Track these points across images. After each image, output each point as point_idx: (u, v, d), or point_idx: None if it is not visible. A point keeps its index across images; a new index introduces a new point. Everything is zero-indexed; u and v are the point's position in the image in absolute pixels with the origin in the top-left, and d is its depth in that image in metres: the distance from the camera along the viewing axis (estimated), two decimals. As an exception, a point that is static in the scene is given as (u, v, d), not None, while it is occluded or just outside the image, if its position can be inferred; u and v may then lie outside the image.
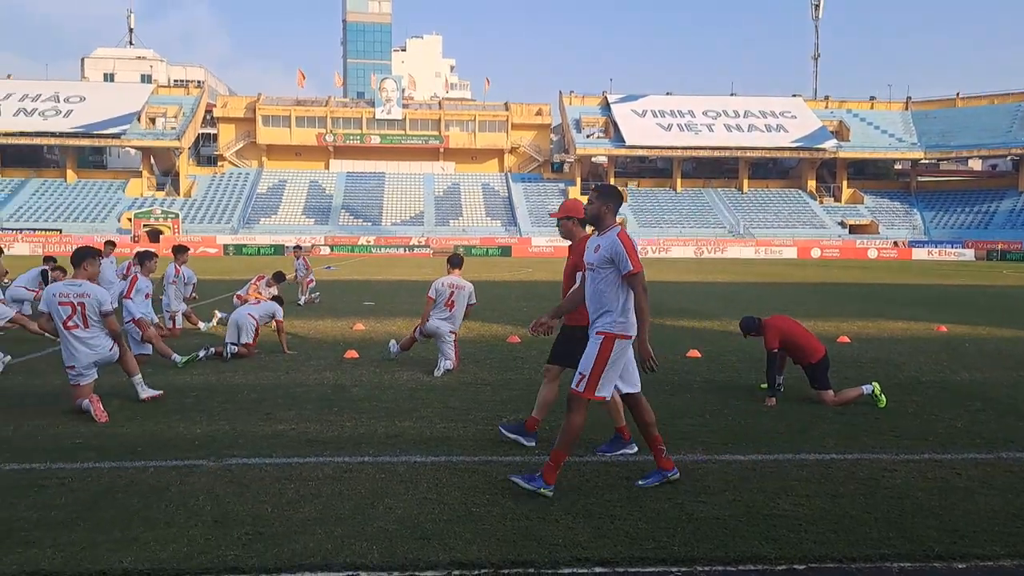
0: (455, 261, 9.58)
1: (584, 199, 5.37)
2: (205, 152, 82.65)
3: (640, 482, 5.03)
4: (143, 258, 11.03)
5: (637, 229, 65.92)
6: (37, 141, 69.38)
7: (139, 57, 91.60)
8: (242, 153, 77.57)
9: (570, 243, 5.99)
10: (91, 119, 68.97)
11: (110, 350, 7.08)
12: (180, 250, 13.20)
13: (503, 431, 6.07)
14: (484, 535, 4.18)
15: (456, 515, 4.46)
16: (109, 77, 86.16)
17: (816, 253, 62.34)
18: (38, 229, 61.72)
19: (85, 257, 7.26)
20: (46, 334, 11.18)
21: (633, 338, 4.91)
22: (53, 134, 68.37)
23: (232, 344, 9.94)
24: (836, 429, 6.57)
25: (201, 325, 12.71)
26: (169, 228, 62.62)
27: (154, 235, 61.17)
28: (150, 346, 9.55)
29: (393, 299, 19.27)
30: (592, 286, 4.98)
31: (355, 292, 21.74)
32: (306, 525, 4.27)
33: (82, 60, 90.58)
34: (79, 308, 6.96)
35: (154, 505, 4.56)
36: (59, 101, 71.24)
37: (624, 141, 71.41)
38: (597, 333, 4.90)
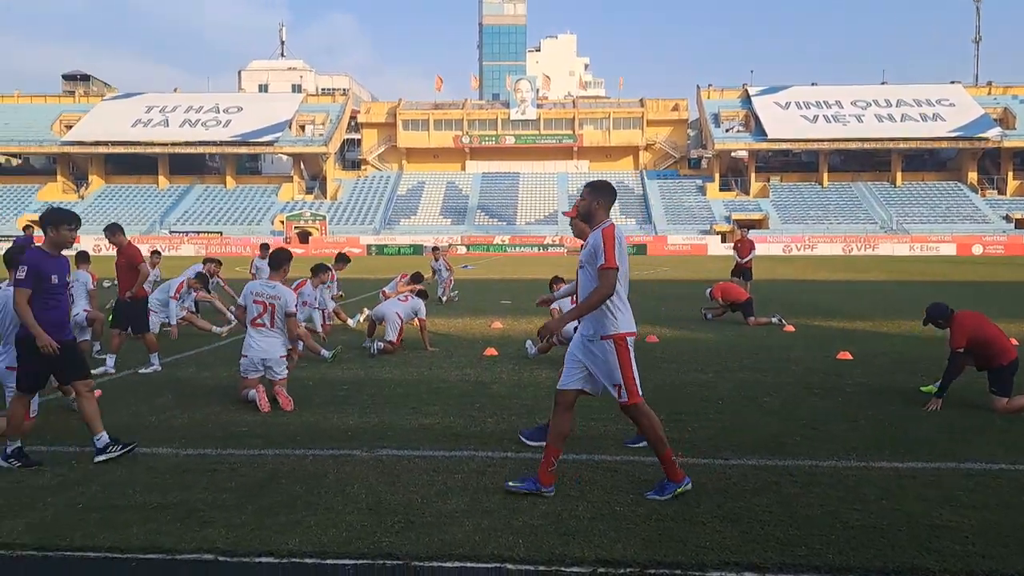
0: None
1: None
2: (350, 156, 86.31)
3: (510, 483, 4.83)
4: (318, 271, 11.58)
5: (780, 225, 63.63)
6: (200, 150, 74.73)
7: (290, 68, 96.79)
8: (384, 157, 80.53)
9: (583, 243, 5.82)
10: (247, 128, 73.60)
11: (280, 357, 7.50)
12: (342, 258, 14.06)
13: (524, 439, 5.98)
14: (628, 534, 4.18)
15: (599, 513, 4.48)
16: (263, 88, 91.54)
17: (978, 250, 58.05)
18: (201, 232, 66.36)
19: (285, 261, 7.80)
20: (215, 329, 12.03)
21: (635, 333, 4.80)
22: (214, 143, 73.42)
23: (378, 341, 10.38)
24: (1006, 438, 6.13)
25: (350, 322, 13.30)
26: (317, 230, 65.83)
27: (303, 236, 64.49)
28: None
29: (529, 298, 19.48)
30: (583, 283, 4.86)
31: (492, 291, 22.13)
32: (454, 516, 4.41)
33: (239, 73, 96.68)
34: (270, 308, 7.49)
35: (314, 491, 4.83)
36: (219, 112, 76.40)
37: (766, 134, 69.07)
38: (602, 338, 4.72)
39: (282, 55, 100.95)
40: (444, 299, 17.89)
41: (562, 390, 4.87)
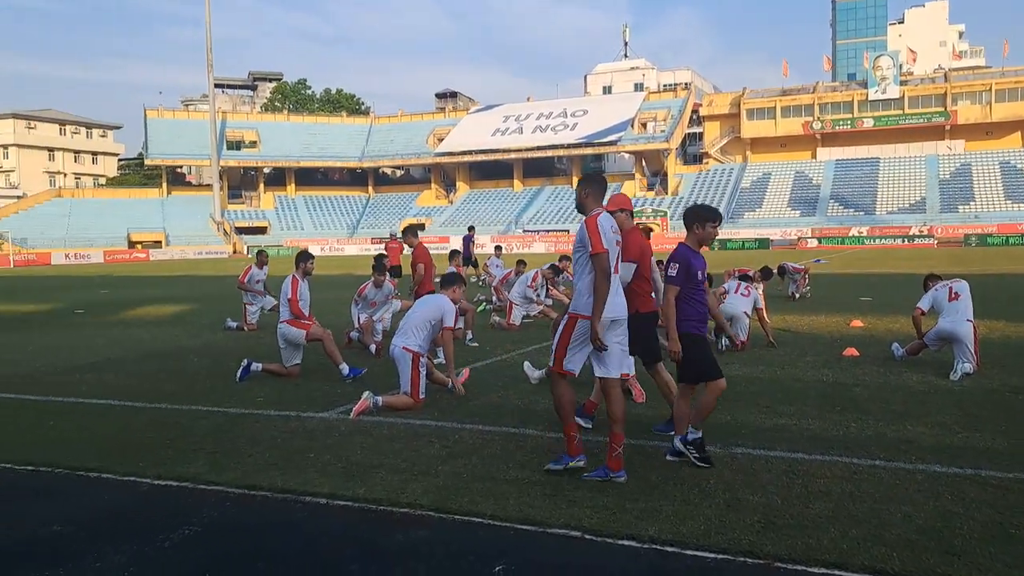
0: None
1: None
2: (691, 151, 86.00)
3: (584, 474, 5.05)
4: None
5: None
6: (550, 154, 79.62)
7: (632, 68, 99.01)
8: (726, 149, 78.97)
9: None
10: (592, 130, 76.82)
11: None
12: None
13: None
14: (1028, 563, 3.68)
15: (989, 534, 4.00)
16: (607, 90, 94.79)
17: None
18: (551, 230, 70.64)
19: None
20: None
21: (609, 317, 5.00)
22: (562, 146, 77.76)
23: (726, 338, 10.24)
24: None
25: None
26: (658, 226, 66.57)
27: (645, 232, 65.38)
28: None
29: (893, 294, 17.84)
30: (576, 270, 5.20)
31: (849, 286, 20.64)
32: (818, 522, 4.22)
33: (585, 77, 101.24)
34: None
35: (670, 481, 4.94)
36: (567, 116, 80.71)
37: None
38: (567, 314, 5.21)
39: (625, 56, 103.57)
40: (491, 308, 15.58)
41: (599, 377, 5.26)
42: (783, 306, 15.23)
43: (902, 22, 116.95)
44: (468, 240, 26.05)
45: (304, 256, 9.20)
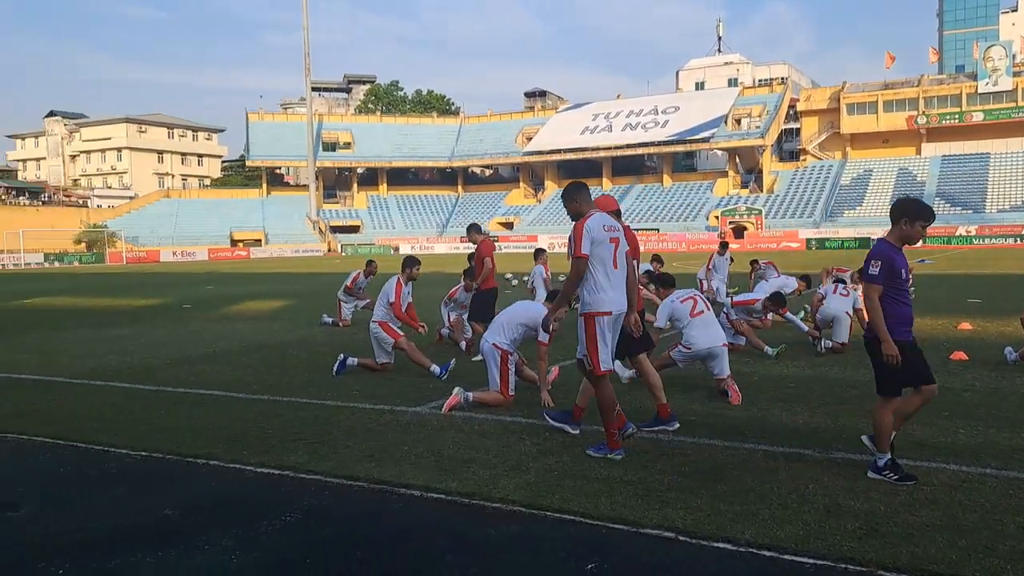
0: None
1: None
2: (787, 147, 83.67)
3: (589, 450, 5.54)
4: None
5: None
6: (640, 151, 78.80)
7: (726, 63, 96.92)
8: (824, 145, 76.50)
9: None
10: (684, 127, 75.61)
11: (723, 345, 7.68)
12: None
13: (548, 419, 6.28)
14: None
15: (1117, 553, 3.75)
16: (700, 85, 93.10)
17: None
18: (640, 229, 69.90)
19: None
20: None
21: (612, 312, 5.44)
22: (653, 143, 76.85)
23: (826, 340, 9.94)
24: None
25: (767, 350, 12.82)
26: (752, 224, 65.06)
27: (738, 231, 64.20)
28: (743, 338, 10.08)
29: (1004, 296, 16.93)
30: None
31: (957, 288, 19.69)
32: (924, 530, 4.05)
33: (677, 73, 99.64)
34: (700, 300, 7.88)
35: (766, 485, 4.82)
36: (657, 113, 79.69)
37: None
38: (580, 315, 5.53)
39: (718, 51, 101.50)
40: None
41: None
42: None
43: (1015, 10, 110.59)
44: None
45: (411, 261, 9.34)
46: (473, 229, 11.15)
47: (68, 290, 27.45)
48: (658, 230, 68.53)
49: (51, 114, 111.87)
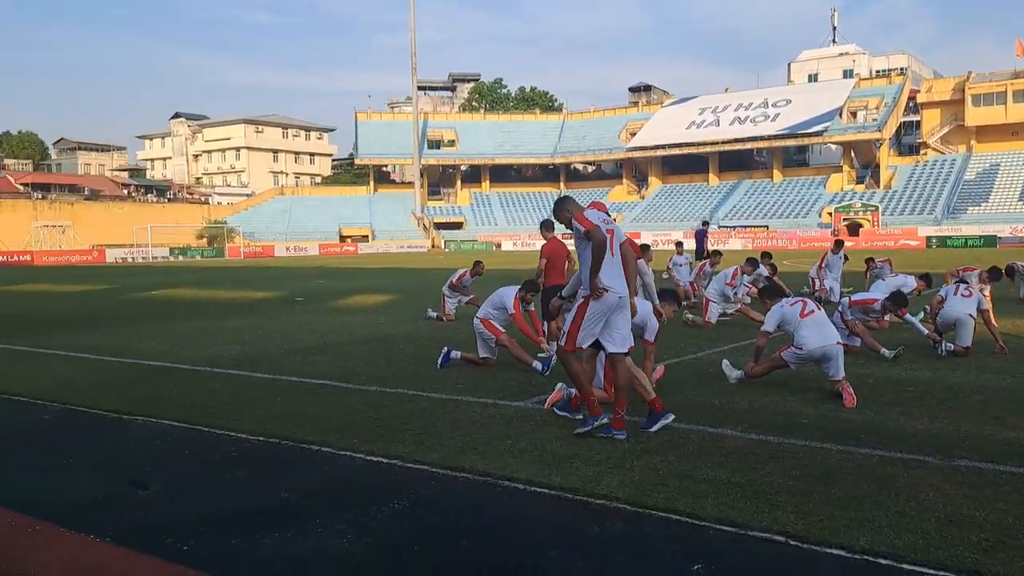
0: None
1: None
2: (906, 141, 79.81)
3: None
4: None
5: None
6: (748, 146, 76.80)
7: (841, 54, 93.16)
8: (947, 138, 72.59)
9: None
10: (795, 120, 73.15)
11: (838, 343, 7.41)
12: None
13: (556, 411, 6.67)
14: None
15: None
16: (812, 78, 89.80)
17: None
18: (747, 226, 68.15)
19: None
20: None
21: (611, 292, 5.84)
22: (762, 138, 74.71)
23: (948, 344, 9.44)
24: None
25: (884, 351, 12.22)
26: (868, 221, 62.40)
27: (853, 229, 61.67)
28: (859, 339, 9.69)
29: None
30: (582, 259, 5.97)
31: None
32: (1059, 546, 3.80)
33: (788, 65, 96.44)
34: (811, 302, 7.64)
35: (883, 491, 4.63)
36: (767, 107, 77.38)
37: None
38: (580, 297, 5.96)
39: (833, 41, 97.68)
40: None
41: (610, 353, 6.12)
42: (1014, 309, 13.80)
43: None
44: (702, 234, 25.00)
45: (530, 286, 9.43)
46: (543, 226, 11.03)
47: (191, 282, 28.98)
48: (767, 227, 66.61)
49: (176, 116, 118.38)
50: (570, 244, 7.59)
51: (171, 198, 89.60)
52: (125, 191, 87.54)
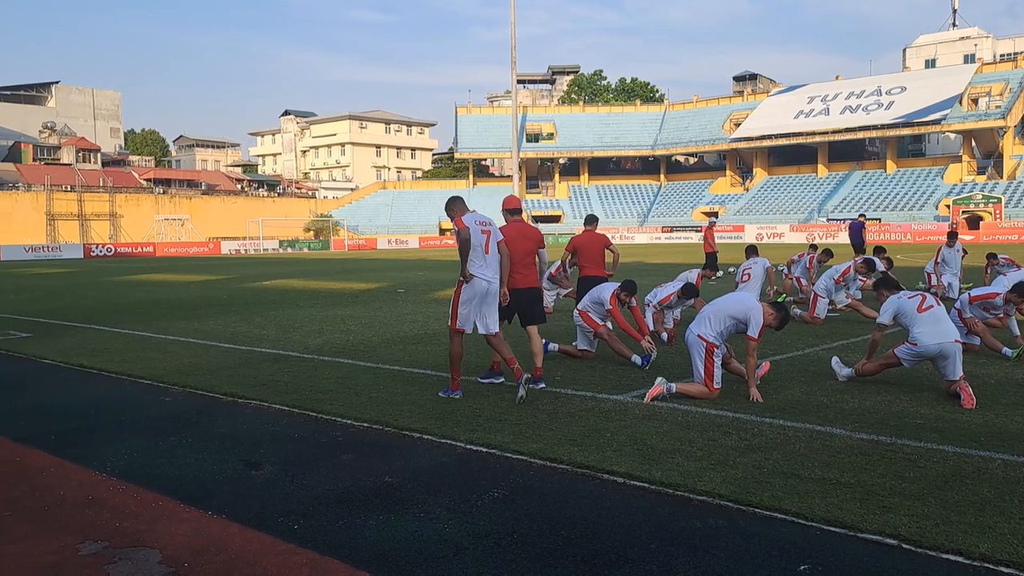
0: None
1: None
2: (1034, 128, 74.79)
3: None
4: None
5: None
6: (860, 135, 73.59)
7: (962, 38, 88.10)
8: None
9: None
10: (910, 108, 69.70)
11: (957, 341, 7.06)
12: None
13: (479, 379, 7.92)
14: None
15: None
16: (930, 63, 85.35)
17: None
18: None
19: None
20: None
21: (483, 281, 7.16)
22: (875, 127, 71.49)
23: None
24: None
25: None
26: (990, 214, 58.91)
27: (973, 222, 58.36)
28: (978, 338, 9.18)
29: None
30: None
31: None
32: None
33: (903, 50, 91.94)
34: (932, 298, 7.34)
35: (1006, 497, 4.38)
36: (880, 94, 73.99)
37: None
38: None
39: (953, 25, 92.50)
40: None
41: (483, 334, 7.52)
42: None
43: None
44: (859, 227, 23.92)
45: (629, 286, 9.24)
46: (586, 221, 11.32)
47: (299, 273, 30.04)
48: (879, 220, 63.72)
49: (286, 113, 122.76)
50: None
51: (281, 193, 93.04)
52: (238, 186, 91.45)
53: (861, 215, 26.59)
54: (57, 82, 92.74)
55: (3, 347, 11.07)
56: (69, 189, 71.01)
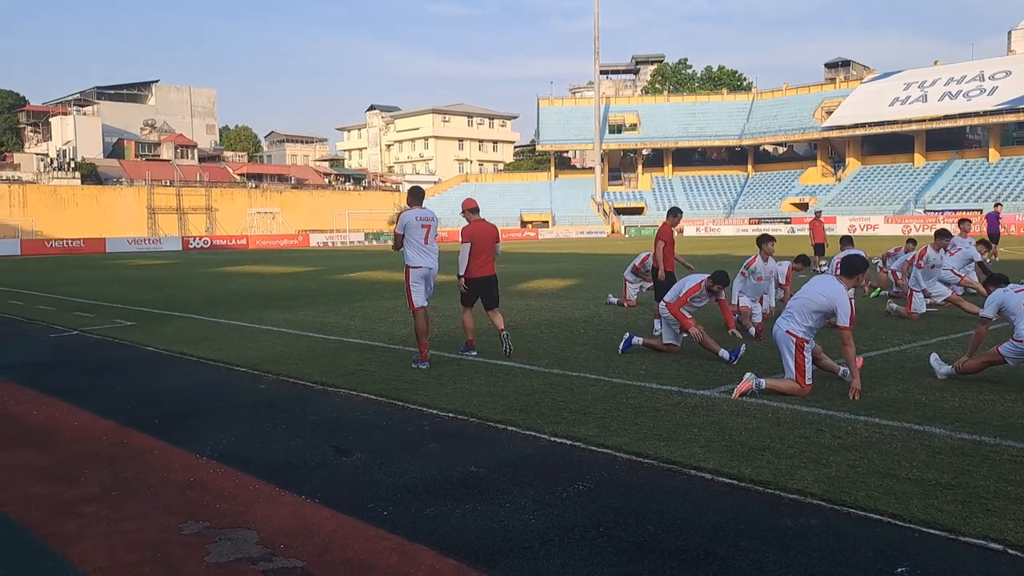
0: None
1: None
2: None
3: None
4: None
5: None
6: (960, 123, 70.27)
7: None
8: None
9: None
10: (1017, 93, 66.15)
11: None
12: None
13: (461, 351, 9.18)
14: None
15: None
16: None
17: None
18: (959, 210, 62.42)
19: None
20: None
21: (422, 267, 8.81)
22: (976, 114, 68.16)
23: None
24: None
25: None
26: (1104, 204, 55.34)
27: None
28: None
29: None
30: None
31: None
32: None
33: (1008, 34, 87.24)
34: None
35: (1124, 506, 4.13)
36: (983, 80, 70.44)
37: None
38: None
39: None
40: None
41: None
42: None
43: None
44: (995, 217, 24.06)
45: (720, 277, 9.01)
46: (669, 213, 11.54)
47: (383, 265, 30.60)
48: (981, 211, 60.66)
49: (371, 108, 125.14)
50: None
51: (366, 186, 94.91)
52: (326, 180, 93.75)
53: (997, 204, 25.98)
54: (157, 81, 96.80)
55: (110, 335, 11.67)
56: (168, 184, 74.20)
